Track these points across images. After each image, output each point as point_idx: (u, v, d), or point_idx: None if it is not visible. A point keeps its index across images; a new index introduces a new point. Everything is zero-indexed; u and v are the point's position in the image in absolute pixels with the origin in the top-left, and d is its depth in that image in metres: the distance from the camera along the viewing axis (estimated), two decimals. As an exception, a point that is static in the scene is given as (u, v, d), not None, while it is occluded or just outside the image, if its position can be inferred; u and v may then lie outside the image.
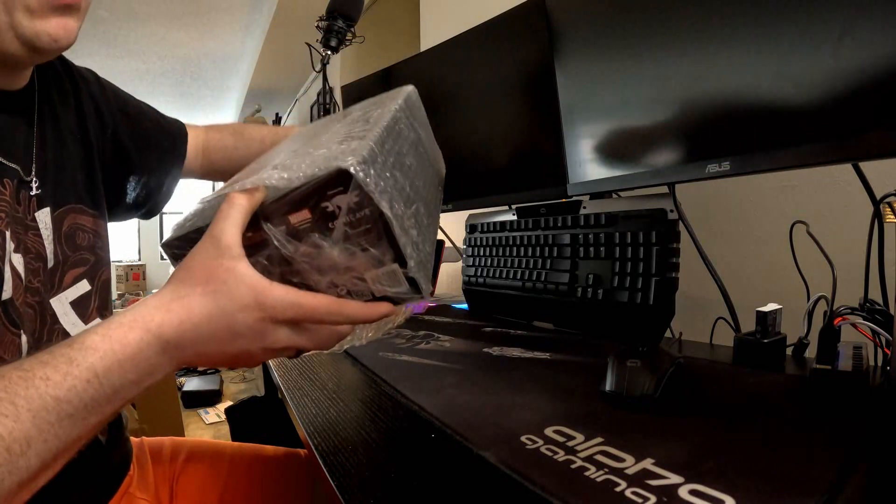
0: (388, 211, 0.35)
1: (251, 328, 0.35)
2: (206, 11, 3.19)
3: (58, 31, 0.43)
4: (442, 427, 0.43)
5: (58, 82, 0.57)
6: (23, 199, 0.48)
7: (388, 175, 0.36)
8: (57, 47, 0.44)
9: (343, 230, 0.36)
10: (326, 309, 0.36)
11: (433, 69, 1.06)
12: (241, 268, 0.35)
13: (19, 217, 0.47)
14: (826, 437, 0.37)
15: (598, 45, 0.73)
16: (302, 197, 0.36)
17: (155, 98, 5.14)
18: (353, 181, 0.34)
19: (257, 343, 0.36)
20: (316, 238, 0.36)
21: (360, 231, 0.36)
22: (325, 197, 0.35)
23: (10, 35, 0.42)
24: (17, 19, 0.42)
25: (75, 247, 0.54)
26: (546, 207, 0.86)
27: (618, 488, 0.31)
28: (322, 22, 1.13)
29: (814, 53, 0.50)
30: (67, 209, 0.54)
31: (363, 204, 0.35)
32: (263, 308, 0.34)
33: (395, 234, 0.36)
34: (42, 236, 0.50)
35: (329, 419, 0.48)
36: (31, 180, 0.49)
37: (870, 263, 0.55)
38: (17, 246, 0.46)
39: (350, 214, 0.35)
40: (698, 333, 0.71)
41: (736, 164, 0.57)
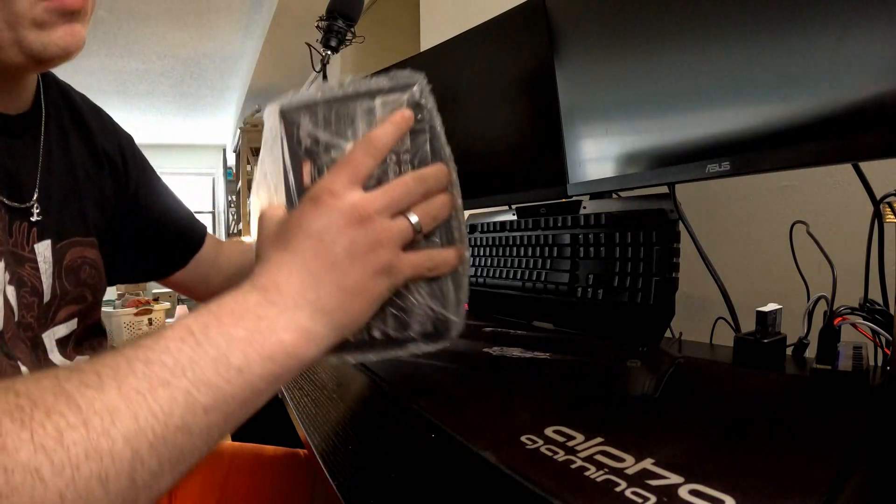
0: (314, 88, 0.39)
1: (323, 217, 0.33)
2: (206, 11, 3.19)
3: (66, 40, 0.42)
4: (442, 427, 0.43)
5: (75, 115, 0.56)
6: (18, 230, 0.46)
7: None
8: (66, 56, 0.43)
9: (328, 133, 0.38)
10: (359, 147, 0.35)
11: (433, 69, 1.06)
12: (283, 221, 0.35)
13: (12, 250, 0.45)
14: (826, 437, 0.37)
15: (598, 45, 0.73)
16: (294, 167, 0.38)
17: (155, 98, 5.15)
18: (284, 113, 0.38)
19: (346, 222, 0.33)
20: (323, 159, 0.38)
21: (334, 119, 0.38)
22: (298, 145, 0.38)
23: (15, 49, 0.41)
24: (23, 34, 0.40)
25: (78, 282, 0.52)
26: (546, 207, 0.86)
27: (618, 488, 0.31)
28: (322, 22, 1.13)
29: (814, 53, 0.50)
30: (72, 241, 0.51)
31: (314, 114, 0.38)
32: (312, 195, 0.33)
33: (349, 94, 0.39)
34: (39, 269, 0.47)
35: (329, 419, 0.48)
36: (32, 206, 0.47)
37: (870, 263, 0.55)
38: (10, 278, 0.44)
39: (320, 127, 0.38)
40: (698, 333, 0.71)
41: (736, 164, 0.57)
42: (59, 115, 0.54)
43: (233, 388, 0.28)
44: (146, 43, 3.65)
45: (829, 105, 0.49)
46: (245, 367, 0.28)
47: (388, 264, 0.35)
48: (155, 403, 0.25)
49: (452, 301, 0.41)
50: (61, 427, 0.22)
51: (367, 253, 0.33)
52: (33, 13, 0.40)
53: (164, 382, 0.25)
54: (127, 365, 0.25)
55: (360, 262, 0.33)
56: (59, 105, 0.54)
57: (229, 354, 0.28)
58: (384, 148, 0.36)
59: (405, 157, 0.38)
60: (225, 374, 0.27)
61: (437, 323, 0.40)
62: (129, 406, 0.24)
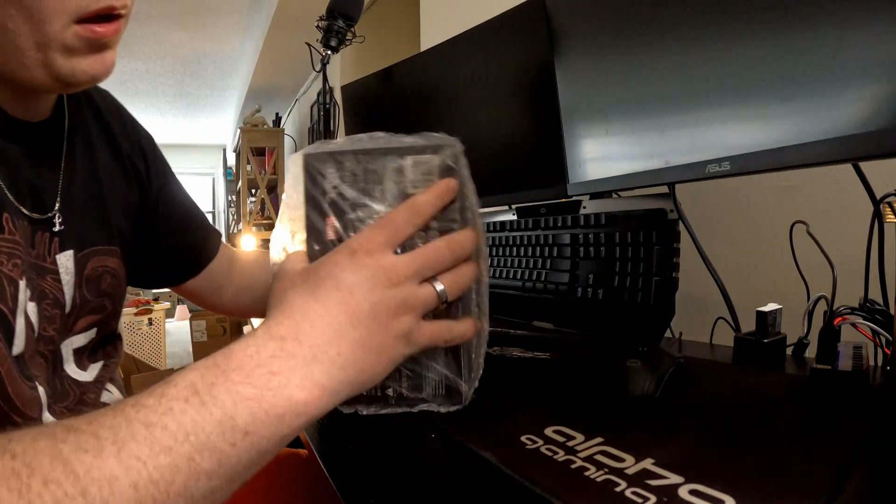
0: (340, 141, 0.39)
1: (356, 269, 0.33)
2: (205, 12, 3.19)
3: (96, 68, 0.41)
4: (442, 427, 0.43)
5: (98, 116, 0.54)
6: (40, 240, 0.45)
7: None
8: (93, 82, 0.42)
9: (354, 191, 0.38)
10: (401, 209, 0.36)
11: (433, 69, 1.06)
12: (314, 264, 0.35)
13: (34, 262, 0.44)
14: (826, 437, 0.37)
15: (598, 45, 0.73)
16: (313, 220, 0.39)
17: (155, 98, 5.16)
18: (311, 159, 0.38)
19: (377, 281, 0.33)
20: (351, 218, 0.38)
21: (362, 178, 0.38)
22: (320, 199, 0.38)
23: (42, 72, 0.40)
24: (52, 57, 0.39)
25: (98, 291, 0.51)
26: (546, 207, 0.86)
27: (618, 488, 0.31)
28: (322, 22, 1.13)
29: (814, 53, 0.50)
30: (94, 250, 0.50)
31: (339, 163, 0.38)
32: (352, 248, 0.33)
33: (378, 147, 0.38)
34: (62, 281, 0.46)
35: (329, 419, 0.48)
36: (54, 216, 0.46)
37: (870, 263, 0.55)
38: (32, 294, 0.43)
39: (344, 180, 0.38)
40: (698, 333, 0.71)
41: (736, 164, 0.57)
42: (82, 119, 0.52)
43: (238, 452, 0.27)
44: (146, 43, 3.65)
45: (829, 105, 0.49)
46: (252, 429, 0.27)
47: (409, 330, 0.34)
48: (156, 472, 0.24)
49: (466, 371, 0.41)
50: (59, 497, 0.22)
51: (393, 316, 0.33)
52: (64, 37, 0.39)
53: (166, 449, 0.24)
54: (127, 428, 0.24)
55: (385, 323, 0.33)
56: (83, 108, 0.53)
57: (235, 416, 0.26)
58: (426, 217, 0.36)
59: (434, 223, 0.38)
60: (230, 437, 0.26)
61: (449, 388, 0.41)
62: (128, 475, 0.23)
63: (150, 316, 3.82)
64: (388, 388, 0.41)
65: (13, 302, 0.40)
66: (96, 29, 0.39)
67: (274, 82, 4.20)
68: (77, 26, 0.39)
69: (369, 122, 1.27)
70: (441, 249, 0.36)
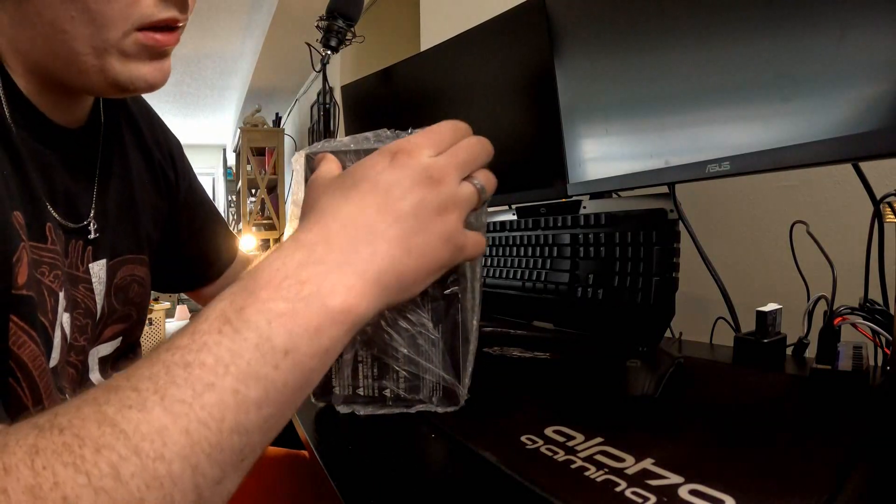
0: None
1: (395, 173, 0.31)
2: (206, 11, 3.19)
3: (155, 76, 0.41)
4: (442, 427, 0.43)
5: (131, 123, 0.54)
6: (73, 249, 0.44)
7: None
8: (150, 90, 0.42)
9: None
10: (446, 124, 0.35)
11: (433, 69, 1.06)
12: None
13: (69, 271, 0.43)
14: (826, 437, 0.37)
15: (598, 45, 0.73)
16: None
17: (155, 98, 5.13)
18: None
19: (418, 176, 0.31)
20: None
21: None
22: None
23: (99, 77, 0.39)
24: (110, 64, 0.38)
25: (126, 300, 0.50)
26: (546, 207, 0.86)
27: (618, 488, 0.31)
28: (322, 22, 1.13)
29: (814, 53, 0.50)
30: (124, 259, 0.50)
31: None
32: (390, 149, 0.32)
33: None
34: (94, 290, 0.46)
35: (329, 419, 0.48)
36: (89, 224, 0.45)
37: (870, 263, 0.55)
38: (66, 304, 0.42)
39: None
40: (698, 333, 0.71)
41: (736, 164, 0.57)
42: (117, 126, 0.52)
43: (283, 375, 0.25)
44: (146, 43, 3.64)
45: (830, 105, 0.49)
46: (291, 346, 0.25)
47: (454, 232, 0.33)
48: (203, 412, 0.23)
49: (462, 372, 0.42)
50: (114, 462, 0.21)
51: (437, 215, 0.31)
52: (124, 44, 0.38)
53: (209, 386, 0.23)
54: (166, 374, 0.23)
55: (428, 223, 0.31)
56: (118, 115, 0.52)
57: (272, 337, 0.25)
58: (467, 139, 0.35)
59: None
60: (272, 360, 0.24)
61: (446, 390, 0.41)
62: (176, 422, 0.22)
63: (151, 316, 3.82)
64: (386, 388, 0.41)
65: (53, 314, 0.40)
66: (158, 38, 0.39)
67: (274, 82, 4.20)
68: (138, 33, 0.38)
69: (369, 122, 1.27)
70: (475, 146, 0.35)
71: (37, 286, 0.38)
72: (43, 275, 0.39)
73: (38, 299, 0.38)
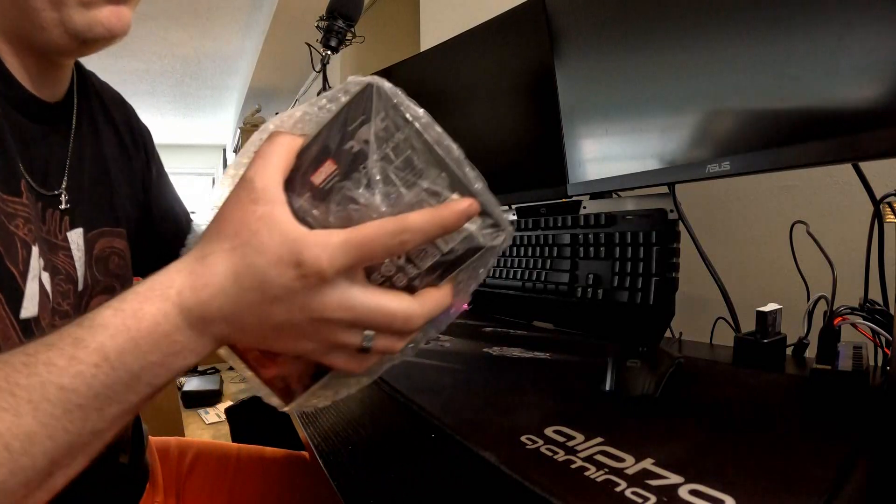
0: (426, 117, 0.30)
1: (289, 289, 0.28)
2: (205, 11, 3.19)
3: (111, 20, 0.41)
4: (442, 427, 0.43)
5: (105, 109, 0.56)
6: (51, 217, 0.45)
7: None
8: (110, 38, 0.42)
9: (379, 167, 0.29)
10: (384, 232, 0.28)
11: (433, 69, 1.06)
12: (278, 213, 0.28)
13: (46, 238, 0.45)
14: (826, 437, 0.37)
15: (598, 45, 0.73)
16: (321, 146, 0.30)
17: (155, 98, 5.15)
18: (377, 95, 0.29)
19: (301, 312, 0.29)
20: (349, 189, 0.29)
21: (400, 163, 0.30)
22: (347, 136, 0.30)
23: (59, 30, 0.40)
24: (68, 14, 0.40)
25: (107, 272, 0.51)
26: (546, 207, 0.86)
27: (618, 488, 0.31)
28: (322, 22, 1.13)
29: (814, 53, 0.50)
30: (101, 231, 0.51)
31: (395, 125, 0.29)
32: (302, 262, 0.27)
33: (442, 153, 0.30)
34: (73, 257, 0.47)
35: (329, 419, 0.48)
36: (60, 194, 0.47)
37: (870, 263, 0.55)
38: (45, 265, 0.43)
39: (383, 145, 0.29)
40: (698, 333, 0.71)
41: (736, 164, 0.57)
42: (90, 106, 0.53)
43: (140, 398, 0.30)
44: (146, 43, 3.65)
45: (830, 105, 0.49)
46: (156, 382, 0.29)
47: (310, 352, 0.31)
48: (70, 424, 0.27)
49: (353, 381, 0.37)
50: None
51: (298, 338, 0.30)
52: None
53: (78, 406, 0.27)
54: (41, 390, 0.27)
55: (287, 339, 0.31)
56: (91, 96, 0.54)
57: (142, 377, 0.29)
58: (410, 248, 0.29)
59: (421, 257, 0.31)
60: (135, 390, 0.29)
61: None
62: (44, 430, 0.27)
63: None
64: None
65: (25, 265, 0.41)
66: None
67: (274, 82, 4.20)
68: None
69: (369, 122, 1.27)
70: (395, 319, 0.30)
71: (6, 236, 0.39)
72: (17, 227, 0.40)
73: (5, 248, 0.39)
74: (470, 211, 0.30)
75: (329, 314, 0.29)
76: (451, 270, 0.32)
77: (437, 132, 0.30)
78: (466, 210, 0.30)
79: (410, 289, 0.31)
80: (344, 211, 0.29)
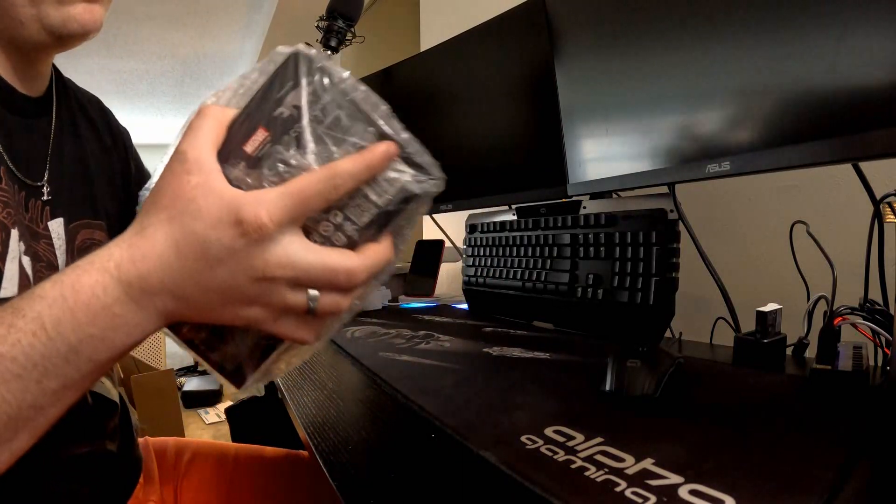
0: (351, 78, 0.31)
1: (230, 249, 0.28)
2: (205, 12, 3.19)
3: (84, 17, 0.44)
4: (442, 427, 0.43)
5: (83, 109, 0.58)
6: (33, 206, 0.47)
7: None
8: (83, 33, 0.45)
9: (310, 128, 0.31)
10: (316, 179, 0.29)
11: (433, 69, 1.06)
12: (212, 180, 0.29)
13: (28, 225, 0.46)
14: (826, 437, 0.37)
15: (599, 45, 0.73)
16: (252, 116, 0.31)
17: (155, 98, 5.15)
18: (303, 61, 0.31)
19: (244, 272, 0.29)
20: (280, 153, 0.30)
21: (329, 122, 0.31)
22: (276, 103, 0.31)
23: (37, 26, 0.43)
24: (45, 10, 0.42)
25: None
26: (546, 207, 0.86)
27: (618, 488, 0.31)
28: (322, 22, 1.13)
29: (814, 53, 0.50)
30: (83, 223, 0.52)
31: (323, 87, 0.31)
32: (241, 219, 0.28)
33: (368, 110, 0.31)
34: (54, 246, 0.48)
35: (329, 419, 0.48)
36: (43, 186, 0.48)
37: (870, 263, 0.55)
38: (26, 249, 0.44)
39: (312, 107, 0.31)
40: (698, 333, 0.71)
41: (736, 164, 0.57)
42: (69, 105, 0.55)
43: (82, 374, 0.29)
44: (146, 43, 3.64)
45: (830, 105, 0.49)
46: (96, 357, 0.29)
47: (258, 320, 0.31)
48: (9, 394, 0.28)
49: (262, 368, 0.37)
50: None
51: (244, 304, 0.30)
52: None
53: (17, 376, 0.28)
54: None
55: (232, 306, 0.30)
56: (70, 97, 0.56)
57: (80, 350, 0.29)
58: (343, 194, 0.30)
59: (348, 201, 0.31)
60: (75, 365, 0.29)
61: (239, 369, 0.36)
62: None
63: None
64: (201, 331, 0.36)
65: (3, 247, 0.42)
66: None
67: (274, 82, 4.19)
68: None
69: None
70: (338, 274, 0.30)
71: None
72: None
73: None
74: (391, 151, 0.31)
75: (272, 272, 0.29)
76: (388, 223, 0.33)
77: (363, 90, 0.32)
78: (387, 150, 0.31)
79: (351, 246, 0.32)
80: (277, 175, 0.30)
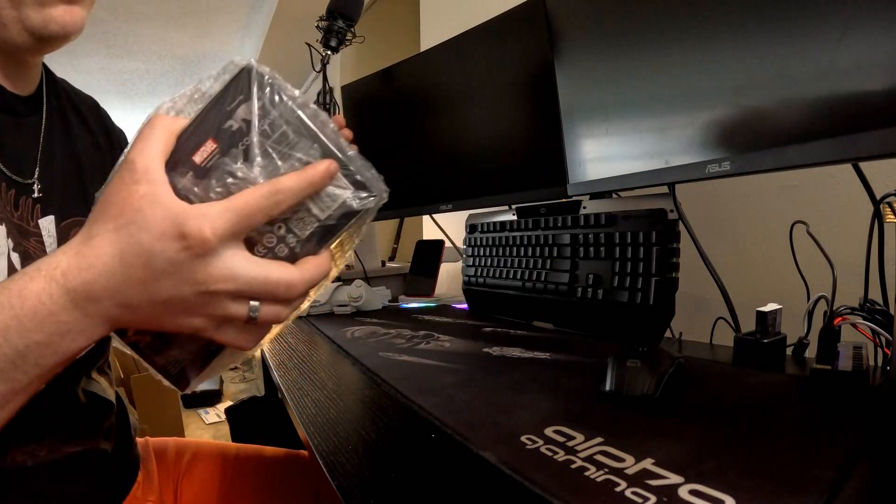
0: (301, 97, 0.32)
1: (174, 262, 0.29)
2: (205, 12, 3.19)
3: (65, 18, 0.44)
4: (442, 427, 0.43)
5: (75, 108, 0.58)
6: (24, 204, 0.47)
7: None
8: (64, 35, 0.45)
9: (257, 142, 0.31)
10: (259, 195, 0.30)
11: (433, 69, 1.06)
12: (160, 192, 0.29)
13: (17, 223, 0.46)
14: (826, 437, 0.37)
15: (598, 45, 0.73)
16: (202, 127, 0.32)
17: (155, 98, 5.15)
18: (255, 76, 0.32)
19: (188, 285, 0.29)
20: (228, 165, 0.31)
21: (277, 137, 0.32)
22: (226, 115, 0.32)
23: (18, 28, 0.43)
24: (26, 12, 0.43)
25: None
26: (546, 207, 0.86)
27: (618, 488, 0.31)
28: (322, 22, 1.13)
29: (814, 53, 0.50)
30: (74, 221, 0.52)
31: (272, 103, 0.32)
32: (185, 233, 0.28)
33: (315, 128, 0.32)
34: (45, 244, 0.48)
35: (329, 419, 0.48)
36: (33, 183, 0.49)
37: (870, 263, 0.55)
38: (15, 246, 0.45)
39: (260, 122, 0.32)
40: (698, 333, 0.71)
41: (736, 164, 0.57)
42: (60, 104, 0.55)
43: (29, 378, 0.30)
44: (146, 43, 3.64)
45: (830, 105, 0.49)
46: (42, 362, 0.30)
47: (200, 329, 0.32)
48: None
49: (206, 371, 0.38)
50: None
51: (187, 314, 0.31)
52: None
53: None
54: None
55: (175, 315, 0.31)
56: (61, 97, 0.56)
57: (27, 356, 0.29)
58: (284, 209, 0.31)
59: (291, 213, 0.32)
60: (21, 368, 0.29)
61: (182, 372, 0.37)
62: None
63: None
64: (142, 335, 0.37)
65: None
66: None
67: (274, 82, 4.19)
68: None
69: (370, 122, 1.27)
70: (278, 287, 0.31)
71: None
72: None
73: None
74: (331, 169, 0.32)
75: (214, 286, 0.30)
76: (329, 237, 0.34)
77: (312, 109, 0.33)
78: (328, 168, 0.32)
79: (293, 258, 0.33)
80: (224, 186, 0.31)
